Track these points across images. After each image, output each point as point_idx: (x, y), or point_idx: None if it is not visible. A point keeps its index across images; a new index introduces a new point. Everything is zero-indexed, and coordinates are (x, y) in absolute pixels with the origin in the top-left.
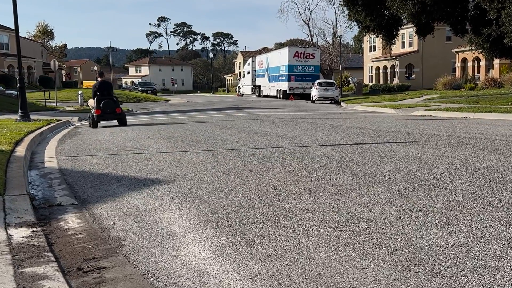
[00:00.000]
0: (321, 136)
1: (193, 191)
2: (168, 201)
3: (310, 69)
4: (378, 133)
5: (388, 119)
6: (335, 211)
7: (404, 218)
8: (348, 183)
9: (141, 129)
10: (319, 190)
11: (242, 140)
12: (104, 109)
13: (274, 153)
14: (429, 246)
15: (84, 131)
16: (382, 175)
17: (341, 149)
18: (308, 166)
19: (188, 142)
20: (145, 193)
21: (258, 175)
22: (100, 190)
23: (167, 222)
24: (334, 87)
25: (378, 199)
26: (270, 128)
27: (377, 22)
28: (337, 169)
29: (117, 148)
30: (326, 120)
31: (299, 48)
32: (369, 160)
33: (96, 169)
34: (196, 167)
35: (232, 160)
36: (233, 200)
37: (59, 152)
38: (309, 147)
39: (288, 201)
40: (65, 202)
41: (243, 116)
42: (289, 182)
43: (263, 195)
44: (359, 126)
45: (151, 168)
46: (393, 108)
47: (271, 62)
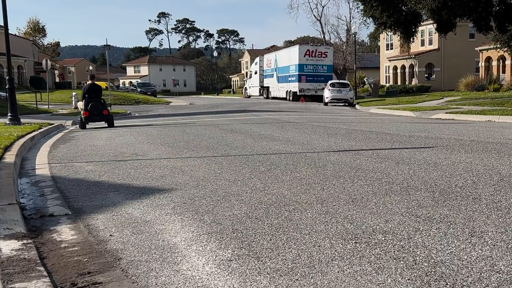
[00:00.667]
0: (334, 141)
1: (196, 201)
2: (169, 211)
3: (322, 68)
4: (396, 138)
5: (407, 122)
6: (349, 222)
7: (423, 230)
8: (363, 191)
9: (140, 133)
10: (332, 199)
11: (249, 145)
12: (92, 111)
13: (283, 159)
14: (450, 259)
15: (78, 135)
16: (400, 183)
17: (355, 155)
18: (320, 174)
19: (191, 148)
20: (145, 202)
21: (266, 183)
22: (95, 199)
23: (168, 233)
24: (348, 88)
25: (395, 209)
26: (279, 132)
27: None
28: (352, 176)
29: (114, 154)
30: (340, 124)
31: (311, 46)
32: (386, 167)
33: (91, 176)
34: (199, 175)
35: (238, 167)
36: (239, 210)
37: (52, 159)
38: (321, 153)
39: (298, 211)
40: (58, 212)
41: (250, 120)
42: (299, 190)
43: (271, 205)
44: (375, 130)
45: (151, 176)
46: (411, 111)
47: (280, 62)
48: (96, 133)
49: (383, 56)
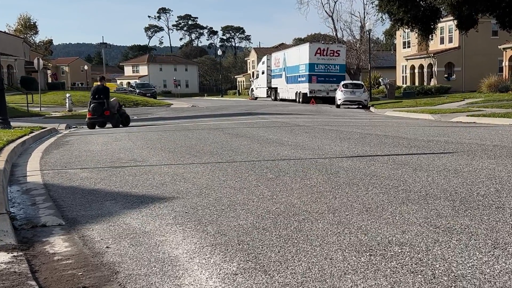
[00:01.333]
0: (347, 146)
1: (199, 210)
2: (170, 221)
3: (334, 68)
4: (413, 143)
5: (425, 126)
6: (363, 233)
7: (443, 241)
8: (378, 200)
9: (138, 138)
10: (344, 209)
11: (255, 150)
12: (93, 112)
13: (292, 165)
14: (472, 273)
15: (72, 140)
16: (417, 191)
17: (370, 161)
18: (332, 181)
19: (193, 153)
20: (144, 212)
21: (274, 191)
22: (91, 209)
23: (169, 245)
24: (362, 89)
25: (413, 219)
26: (288, 137)
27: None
28: (366, 184)
29: (111, 160)
30: (353, 128)
31: (322, 44)
32: (402, 174)
33: (86, 184)
34: (202, 182)
35: (244, 174)
36: (245, 220)
37: (44, 165)
38: (333, 159)
39: (308, 221)
40: (51, 222)
41: (257, 123)
42: (310, 199)
43: (280, 215)
44: (391, 135)
45: (151, 183)
46: (430, 113)
47: (289, 61)
48: (92, 137)
49: (399, 55)
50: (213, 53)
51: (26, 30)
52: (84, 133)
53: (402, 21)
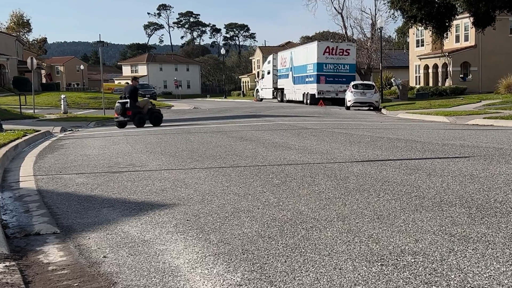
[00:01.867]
0: (357, 150)
1: (201, 217)
2: (170, 230)
3: (344, 68)
4: (427, 147)
5: (439, 129)
6: (374, 242)
7: (458, 250)
8: (390, 207)
9: (137, 141)
10: (354, 216)
11: (260, 154)
12: (116, 112)
13: (299, 170)
14: (489, 284)
15: (68, 144)
16: (431, 197)
17: (381, 166)
18: (341, 187)
19: (195, 158)
20: (143, 219)
21: (280, 198)
22: (87, 216)
23: (170, 255)
24: (373, 90)
25: (426, 227)
26: (295, 140)
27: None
28: (377, 190)
29: (109, 164)
30: (364, 131)
31: (331, 42)
32: (415, 180)
33: (82, 190)
34: (204, 188)
35: (249, 180)
36: (250, 229)
37: (38, 170)
38: (342, 164)
39: (317, 229)
40: (45, 230)
41: (262, 126)
42: (318, 206)
43: (286, 222)
44: (404, 138)
45: (150, 189)
46: (445, 115)
47: (296, 60)
48: (88, 141)
49: (412, 54)
50: (216, 52)
51: (19, 28)
52: (80, 137)
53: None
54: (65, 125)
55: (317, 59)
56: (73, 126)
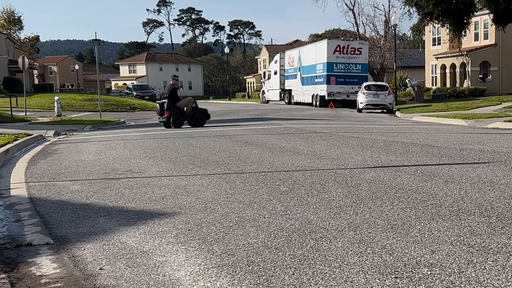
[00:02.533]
0: (370, 156)
1: (203, 227)
2: (171, 240)
3: (356, 68)
4: (444, 152)
5: (457, 133)
6: (388, 253)
7: (477, 262)
8: (405, 216)
9: (136, 146)
10: (367, 226)
11: (267, 160)
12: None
13: (308, 177)
14: None
15: (62, 148)
16: (449, 206)
17: (395, 172)
18: (352, 194)
19: (197, 163)
20: (142, 229)
21: (288, 206)
22: (82, 226)
23: (170, 267)
24: (387, 91)
25: (443, 237)
26: (303, 145)
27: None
28: (391, 198)
29: (105, 170)
30: (377, 135)
31: (342, 41)
32: (432, 187)
33: (77, 198)
34: (207, 196)
35: (254, 187)
36: (256, 239)
37: (30, 176)
38: (354, 170)
39: (327, 239)
40: (38, 241)
41: (269, 130)
42: (328, 215)
43: (294, 232)
44: (419, 143)
45: (149, 197)
46: (463, 118)
47: (305, 60)
48: (84, 145)
49: (428, 53)
50: (219, 51)
51: (10, 25)
52: (75, 141)
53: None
54: (59, 128)
55: (327, 59)
56: (67, 130)
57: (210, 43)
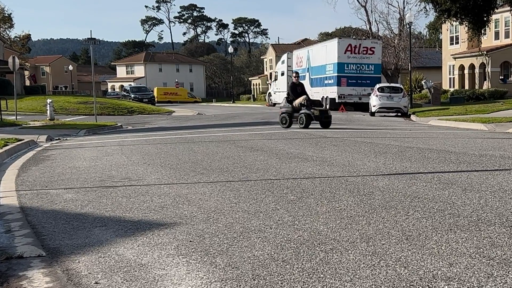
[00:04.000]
0: (383, 162)
1: (206, 238)
2: (171, 252)
3: (368, 68)
4: (462, 158)
5: (476, 138)
6: (402, 266)
7: (498, 276)
8: (421, 226)
9: (133, 152)
10: (380, 237)
11: (273, 167)
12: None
13: (318, 185)
14: None
15: (55, 155)
16: (467, 215)
17: (411, 180)
18: (365, 203)
19: (199, 170)
20: (140, 240)
21: (296, 216)
22: (77, 237)
23: (170, 280)
24: (401, 93)
25: (462, 248)
26: (312, 150)
27: (461, 3)
28: (406, 207)
29: (101, 178)
30: (390, 140)
31: (353, 39)
32: (449, 195)
33: (71, 207)
34: (210, 205)
35: (260, 195)
36: (262, 251)
37: (21, 184)
38: (366, 177)
39: (337, 251)
40: (29, 253)
41: (275, 134)
42: (339, 225)
43: (302, 244)
44: (436, 148)
45: (148, 206)
46: (482, 122)
47: (314, 60)
48: (78, 151)
49: (446, 52)
50: (223, 50)
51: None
52: (69, 146)
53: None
54: (51, 133)
55: (337, 59)
56: (60, 135)
57: (213, 42)
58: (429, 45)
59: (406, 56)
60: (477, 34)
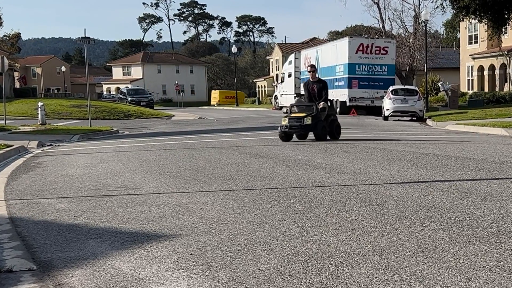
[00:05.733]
0: (397, 169)
1: (208, 251)
2: (171, 265)
3: (381, 70)
4: (482, 165)
5: (496, 144)
6: (417, 280)
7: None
8: (437, 238)
9: (130, 158)
10: (394, 249)
11: (280, 174)
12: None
13: (327, 194)
14: None
15: (47, 161)
16: (487, 226)
17: (426, 189)
18: (377, 214)
19: (201, 178)
20: (137, 253)
21: (304, 227)
22: (70, 249)
23: None
24: (417, 96)
25: (481, 262)
26: (321, 157)
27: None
28: (421, 217)
29: (96, 186)
30: (405, 146)
31: (365, 38)
32: (468, 205)
33: (64, 218)
34: (212, 215)
35: (266, 205)
36: (267, 264)
37: (10, 193)
38: (379, 186)
39: (348, 265)
40: (19, 266)
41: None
42: (349, 237)
43: (311, 257)
44: (453, 155)
45: (146, 217)
46: (503, 127)
47: (323, 60)
48: (71, 158)
49: (464, 52)
50: (226, 50)
51: None
52: (61, 153)
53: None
54: (43, 139)
55: (348, 59)
56: (52, 140)
57: (215, 42)
58: (446, 44)
59: (422, 56)
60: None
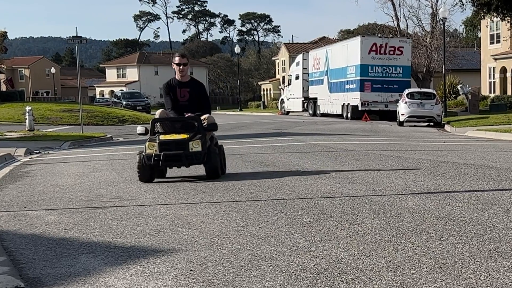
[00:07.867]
0: (413, 179)
1: (208, 267)
2: (169, 283)
3: (396, 71)
4: (504, 174)
5: None
6: None
7: None
8: (456, 253)
9: (125, 167)
10: (410, 265)
11: (286, 184)
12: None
13: (337, 205)
14: None
15: (35, 171)
16: (510, 240)
17: (444, 200)
18: (392, 227)
19: (201, 189)
20: (133, 269)
21: (312, 241)
22: (60, 265)
23: None
24: (434, 100)
25: (504, 279)
26: (331, 165)
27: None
28: (439, 231)
29: (88, 197)
30: (421, 154)
31: (378, 38)
32: (489, 217)
33: (54, 231)
34: (213, 229)
35: (271, 217)
36: (273, 281)
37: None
38: (393, 196)
39: (360, 282)
40: (5, 284)
41: (289, 147)
42: (361, 252)
43: (320, 273)
44: (474, 163)
45: (142, 230)
46: None
47: (334, 61)
48: (62, 167)
49: (485, 53)
50: (228, 50)
51: None
52: (51, 161)
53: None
54: (31, 146)
55: (360, 60)
56: (41, 148)
57: (217, 41)
58: (466, 44)
59: (440, 57)
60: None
